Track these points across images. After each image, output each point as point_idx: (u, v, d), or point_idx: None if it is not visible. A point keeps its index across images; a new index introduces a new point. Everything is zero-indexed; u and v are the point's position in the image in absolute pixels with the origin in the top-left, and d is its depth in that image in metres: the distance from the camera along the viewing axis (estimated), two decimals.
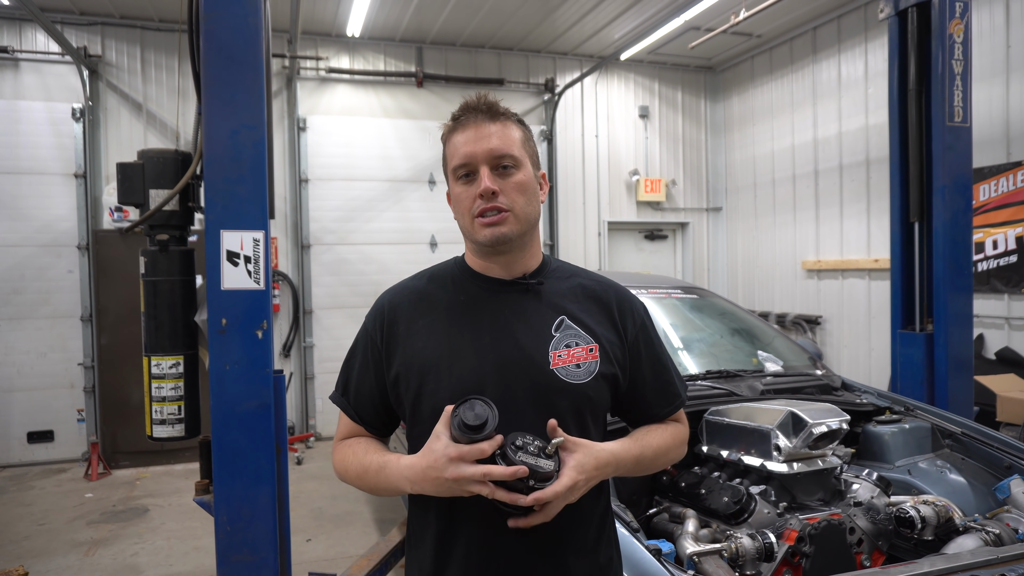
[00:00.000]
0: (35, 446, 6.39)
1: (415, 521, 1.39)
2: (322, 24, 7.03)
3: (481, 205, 1.30)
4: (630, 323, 1.44)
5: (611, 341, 1.39)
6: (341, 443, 1.44)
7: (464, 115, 1.34)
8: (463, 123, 1.34)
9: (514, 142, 1.34)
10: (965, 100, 3.88)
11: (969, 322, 3.92)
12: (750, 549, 2.02)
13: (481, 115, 1.33)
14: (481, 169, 1.31)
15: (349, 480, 1.40)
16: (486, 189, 1.29)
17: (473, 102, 1.35)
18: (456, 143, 1.34)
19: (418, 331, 1.36)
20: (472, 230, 1.34)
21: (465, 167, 1.32)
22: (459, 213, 1.37)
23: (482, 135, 1.31)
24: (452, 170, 1.35)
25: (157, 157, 2.53)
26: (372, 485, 1.35)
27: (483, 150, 1.30)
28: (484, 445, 1.14)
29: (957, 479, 2.65)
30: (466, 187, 1.33)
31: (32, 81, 6.40)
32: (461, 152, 1.32)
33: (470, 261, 1.43)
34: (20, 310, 6.32)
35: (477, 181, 1.31)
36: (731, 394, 2.82)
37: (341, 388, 1.46)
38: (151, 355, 2.49)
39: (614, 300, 1.45)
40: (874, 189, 6.58)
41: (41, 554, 4.33)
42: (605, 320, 1.41)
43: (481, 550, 1.28)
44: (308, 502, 5.25)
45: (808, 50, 7.37)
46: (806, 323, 7.31)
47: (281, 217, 7.13)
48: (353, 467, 1.37)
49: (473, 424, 1.14)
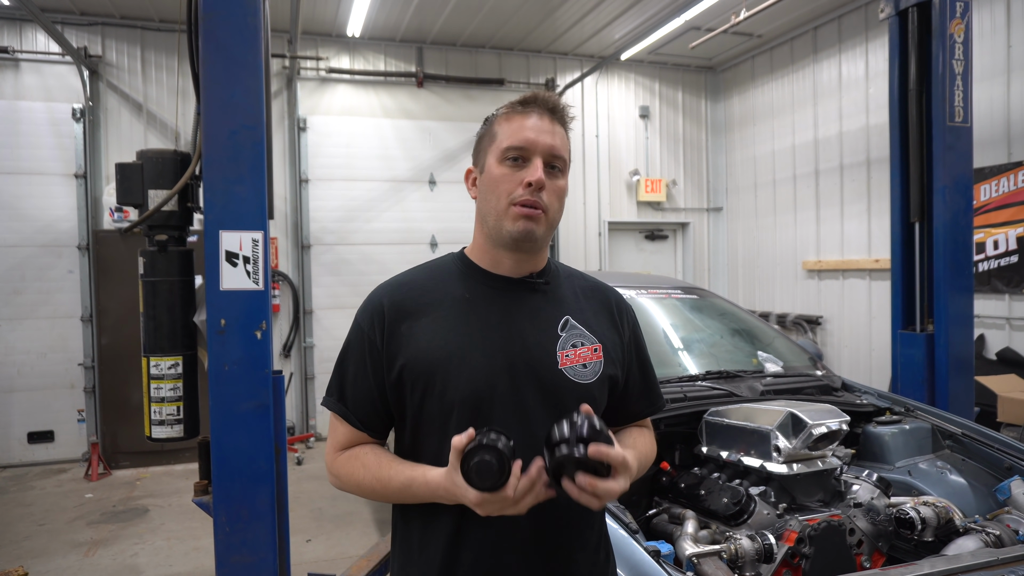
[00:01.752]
0: (35, 446, 6.39)
1: (417, 525, 1.33)
2: (322, 24, 7.03)
3: (524, 195, 1.27)
4: (626, 323, 1.46)
5: (613, 341, 1.39)
6: (343, 454, 1.36)
7: (534, 103, 1.33)
8: (530, 110, 1.32)
9: (567, 149, 1.35)
10: (966, 100, 3.87)
11: (970, 322, 3.91)
12: (749, 550, 2.02)
13: (549, 111, 1.33)
14: (536, 160, 1.28)
15: (360, 493, 1.34)
16: (539, 180, 1.27)
17: (544, 96, 1.34)
18: (516, 126, 1.31)
19: (423, 328, 1.30)
20: (503, 216, 1.29)
21: (520, 151, 1.29)
22: (493, 195, 1.31)
23: (547, 129, 1.31)
24: (502, 150, 1.30)
25: (156, 157, 2.52)
26: (393, 498, 1.31)
27: (545, 143, 1.29)
28: (507, 492, 1.10)
29: (957, 480, 2.65)
30: (512, 171, 1.29)
31: (32, 81, 6.40)
32: (522, 136, 1.29)
33: (476, 256, 1.38)
34: (20, 310, 6.32)
35: (528, 169, 1.28)
36: (731, 395, 2.81)
37: (336, 393, 1.37)
38: (150, 355, 2.49)
39: (612, 301, 1.46)
40: (875, 189, 6.57)
41: (41, 554, 4.33)
42: (606, 320, 1.41)
43: (494, 550, 1.27)
44: (308, 502, 5.25)
45: (809, 50, 7.36)
46: (806, 323, 7.30)
47: (281, 217, 7.13)
48: (367, 482, 1.30)
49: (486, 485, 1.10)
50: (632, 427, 1.50)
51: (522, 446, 1.22)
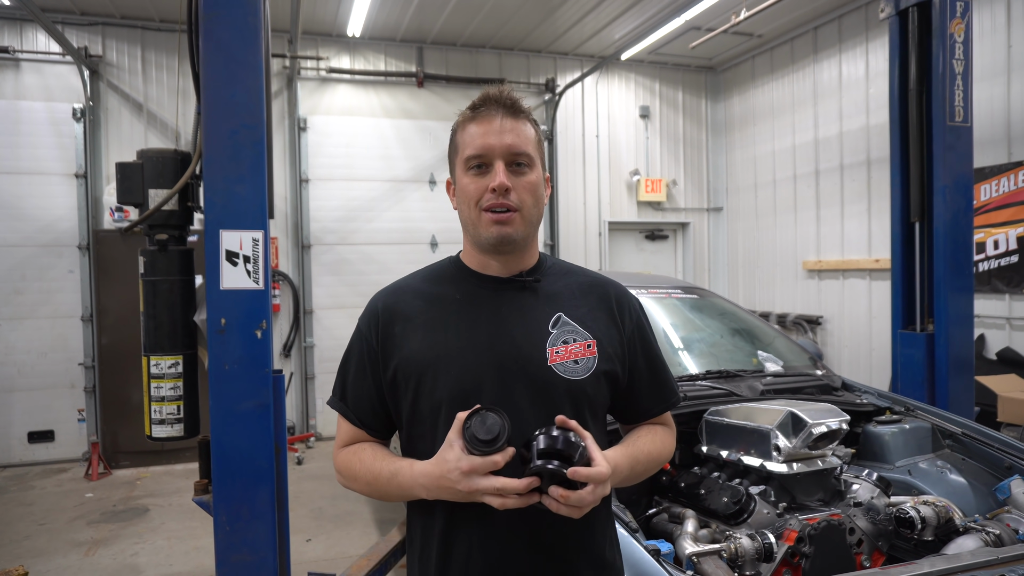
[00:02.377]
0: (36, 446, 6.39)
1: (416, 523, 1.38)
2: (323, 24, 7.03)
3: (491, 200, 1.28)
4: (627, 318, 1.43)
5: (610, 337, 1.38)
6: (344, 450, 1.41)
7: (485, 106, 1.31)
8: (483, 114, 1.31)
9: (530, 141, 1.33)
10: (966, 100, 3.87)
11: (970, 322, 3.91)
12: (749, 549, 2.02)
13: (503, 109, 1.31)
14: (496, 163, 1.28)
15: (357, 488, 1.38)
16: (501, 184, 1.27)
17: (495, 94, 1.32)
18: (472, 133, 1.31)
19: (414, 330, 1.34)
20: (477, 224, 1.31)
21: (479, 158, 1.29)
22: (465, 204, 1.33)
23: (501, 129, 1.29)
24: (464, 160, 1.31)
25: (156, 157, 2.52)
26: (383, 492, 1.33)
27: (501, 144, 1.28)
28: (497, 458, 1.13)
29: (957, 479, 2.65)
30: (476, 179, 1.30)
31: (33, 81, 6.41)
32: (478, 143, 1.29)
33: (467, 259, 1.41)
34: (21, 310, 6.32)
35: (491, 174, 1.28)
36: (731, 394, 2.81)
37: (339, 393, 1.43)
38: (150, 355, 2.49)
39: (612, 296, 1.44)
40: (875, 189, 6.57)
41: (41, 554, 4.33)
42: (603, 316, 1.40)
43: (483, 550, 1.27)
44: (308, 502, 5.25)
45: (809, 50, 7.36)
46: (807, 323, 7.30)
47: (282, 217, 7.13)
48: (362, 475, 1.34)
49: (485, 438, 1.12)
50: (643, 425, 1.48)
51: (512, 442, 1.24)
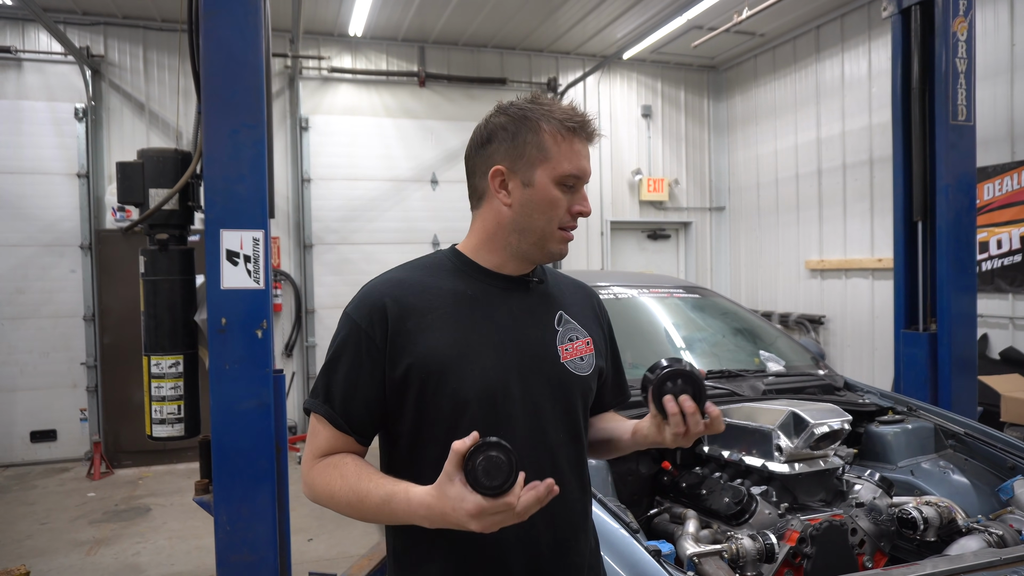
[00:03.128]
0: (38, 445, 6.40)
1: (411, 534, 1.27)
2: (324, 24, 7.03)
3: (570, 221, 1.33)
4: (604, 318, 1.53)
5: (598, 335, 1.46)
6: (321, 462, 1.26)
7: (587, 128, 1.32)
8: (585, 136, 1.32)
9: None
10: (969, 98, 3.86)
11: (973, 322, 3.90)
12: (751, 550, 2.01)
13: (591, 136, 1.34)
14: (583, 189, 1.34)
15: (334, 507, 1.22)
16: (589, 211, 1.34)
17: (591, 121, 1.34)
18: (571, 151, 1.30)
19: (430, 326, 1.26)
20: (549, 237, 1.32)
21: (576, 179, 1.31)
22: (543, 216, 1.30)
23: (589, 155, 1.34)
24: (560, 175, 1.29)
25: (157, 156, 2.53)
26: (367, 516, 1.20)
27: (589, 171, 1.34)
28: (510, 499, 1.02)
29: (960, 480, 2.63)
30: (566, 195, 1.31)
31: (35, 81, 6.41)
32: (579, 164, 1.31)
33: (476, 255, 1.36)
34: (23, 309, 6.33)
35: (578, 197, 1.33)
36: (732, 394, 2.80)
37: (322, 395, 1.27)
38: (151, 354, 2.49)
39: (591, 296, 1.53)
40: (878, 188, 6.56)
41: (43, 553, 4.33)
42: (591, 315, 1.48)
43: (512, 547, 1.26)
44: (309, 502, 5.24)
45: (811, 49, 7.34)
46: (809, 323, 7.29)
47: (283, 217, 7.13)
48: (342, 494, 1.20)
49: (491, 484, 1.02)
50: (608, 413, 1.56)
51: (534, 442, 1.27)
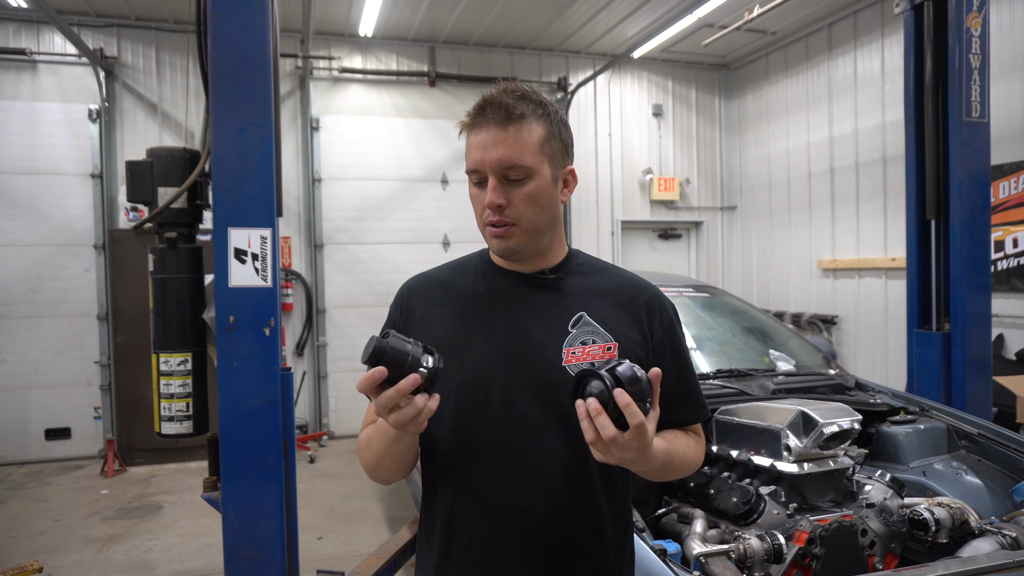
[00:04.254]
0: (52, 443, 6.47)
1: (424, 516, 1.39)
2: (334, 24, 7.05)
3: (489, 216, 1.26)
4: (657, 323, 1.36)
5: (634, 341, 1.31)
6: (364, 430, 1.39)
7: (480, 114, 1.25)
8: (478, 123, 1.25)
9: (528, 148, 1.24)
10: (983, 95, 3.81)
11: (987, 321, 3.85)
12: (759, 550, 1.99)
13: (497, 116, 1.23)
14: (490, 179, 1.24)
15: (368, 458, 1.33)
16: (491, 203, 1.24)
17: (490, 98, 1.24)
18: (470, 144, 1.27)
19: (433, 319, 1.35)
20: (484, 233, 1.32)
21: (476, 174, 1.27)
22: (475, 215, 1.34)
23: (493, 142, 1.23)
24: (466, 171, 1.30)
25: (165, 155, 2.54)
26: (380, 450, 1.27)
27: (491, 160, 1.23)
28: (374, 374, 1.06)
29: (973, 481, 2.60)
30: (478, 192, 1.28)
31: (50, 83, 6.48)
32: (473, 156, 1.26)
33: (492, 254, 1.41)
34: (38, 309, 6.40)
35: (488, 190, 1.26)
36: (742, 393, 2.79)
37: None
38: (160, 352, 2.50)
39: (642, 298, 1.37)
40: (891, 187, 6.49)
41: (56, 549, 4.38)
42: (628, 319, 1.34)
43: (483, 546, 1.27)
44: (320, 500, 5.27)
45: (824, 47, 7.28)
46: (822, 323, 7.22)
47: (294, 217, 7.17)
48: (364, 440, 1.34)
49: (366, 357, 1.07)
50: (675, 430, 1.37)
51: (514, 439, 1.26)
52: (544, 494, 1.25)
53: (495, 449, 1.26)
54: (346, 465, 6.25)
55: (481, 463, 1.27)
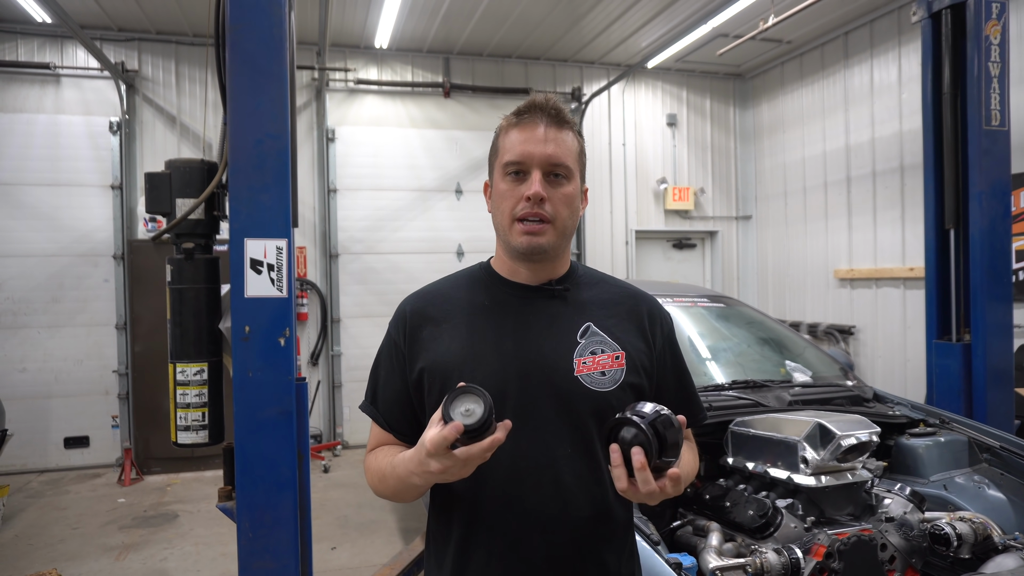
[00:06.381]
0: (71, 451, 6.54)
1: (435, 531, 1.38)
2: (350, 36, 7.13)
3: (525, 209, 1.27)
4: (659, 331, 1.41)
5: (639, 349, 1.35)
6: (371, 454, 1.40)
7: (530, 113, 1.30)
8: (527, 121, 1.30)
9: (570, 152, 1.31)
10: (1003, 103, 3.77)
11: (1009, 332, 3.79)
12: (776, 564, 1.97)
13: (547, 117, 1.29)
14: (534, 172, 1.27)
15: (379, 489, 1.34)
16: (536, 193, 1.26)
17: (541, 102, 1.31)
18: (514, 139, 1.30)
19: (441, 334, 1.33)
20: (509, 232, 1.31)
21: (518, 165, 1.29)
22: (499, 210, 1.33)
23: (543, 138, 1.28)
24: (503, 165, 1.31)
25: (183, 167, 2.57)
26: (393, 489, 1.29)
27: (541, 153, 1.27)
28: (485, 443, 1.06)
29: (996, 495, 2.55)
30: (513, 185, 1.29)
31: (72, 96, 6.60)
32: (518, 149, 1.28)
33: (497, 265, 1.41)
34: (58, 318, 6.49)
35: (527, 183, 1.27)
36: (757, 404, 2.76)
37: (370, 396, 1.42)
38: (176, 362, 2.52)
39: (644, 308, 1.42)
40: (909, 196, 6.42)
41: (74, 557, 4.41)
42: (633, 327, 1.37)
43: (502, 559, 1.26)
44: (334, 510, 5.28)
45: (840, 55, 7.24)
46: (839, 333, 7.15)
47: (310, 227, 7.22)
48: (375, 474, 1.33)
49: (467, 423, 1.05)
50: None
51: (530, 451, 1.25)
52: (562, 506, 1.25)
53: (512, 462, 1.25)
54: (360, 475, 6.26)
55: (499, 476, 1.26)
